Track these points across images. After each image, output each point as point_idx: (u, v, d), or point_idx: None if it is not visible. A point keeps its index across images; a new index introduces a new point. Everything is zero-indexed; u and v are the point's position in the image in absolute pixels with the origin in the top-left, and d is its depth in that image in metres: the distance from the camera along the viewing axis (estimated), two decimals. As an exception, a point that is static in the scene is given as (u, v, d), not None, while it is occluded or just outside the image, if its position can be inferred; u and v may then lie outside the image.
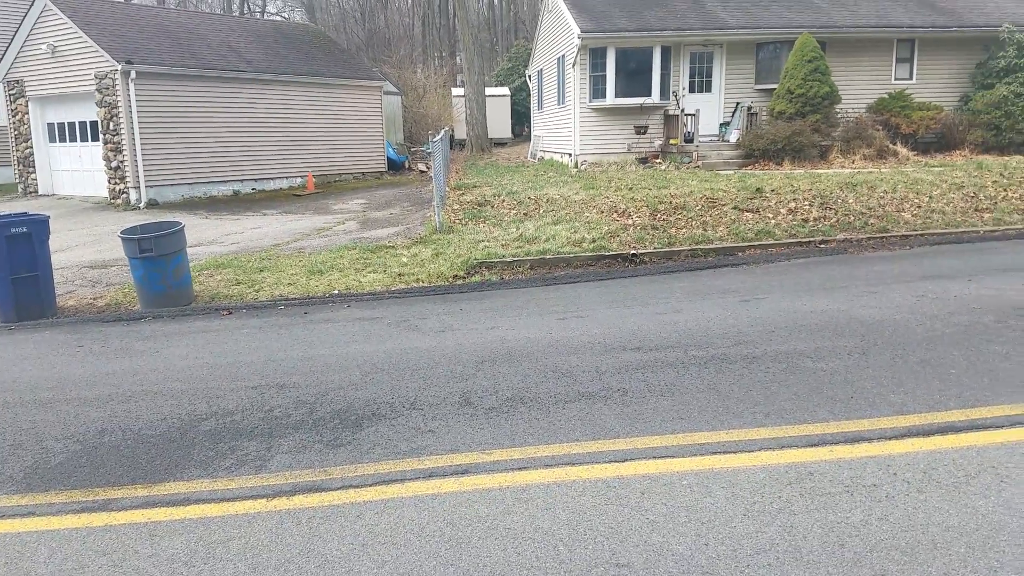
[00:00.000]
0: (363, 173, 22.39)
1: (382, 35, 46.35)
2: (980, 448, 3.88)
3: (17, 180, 19.47)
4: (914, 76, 19.35)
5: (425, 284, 8.61)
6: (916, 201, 11.13)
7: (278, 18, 47.60)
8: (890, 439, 4.03)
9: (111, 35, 16.74)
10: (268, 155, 19.58)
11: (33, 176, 19.07)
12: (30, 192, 19.10)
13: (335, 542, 3.40)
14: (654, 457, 3.99)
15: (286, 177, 20.06)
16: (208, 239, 12.77)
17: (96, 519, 3.78)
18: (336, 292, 8.52)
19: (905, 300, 6.76)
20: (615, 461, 3.97)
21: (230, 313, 8.03)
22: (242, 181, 19.02)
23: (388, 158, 23.31)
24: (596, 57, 17.94)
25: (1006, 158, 16.35)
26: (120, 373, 6.10)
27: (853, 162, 16.41)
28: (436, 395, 5.07)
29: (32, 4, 17.33)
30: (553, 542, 3.27)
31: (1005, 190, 11.83)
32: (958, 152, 17.73)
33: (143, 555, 3.42)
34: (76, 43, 16.70)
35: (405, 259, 9.65)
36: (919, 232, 9.64)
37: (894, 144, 17.35)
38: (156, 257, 8.34)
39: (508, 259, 9.04)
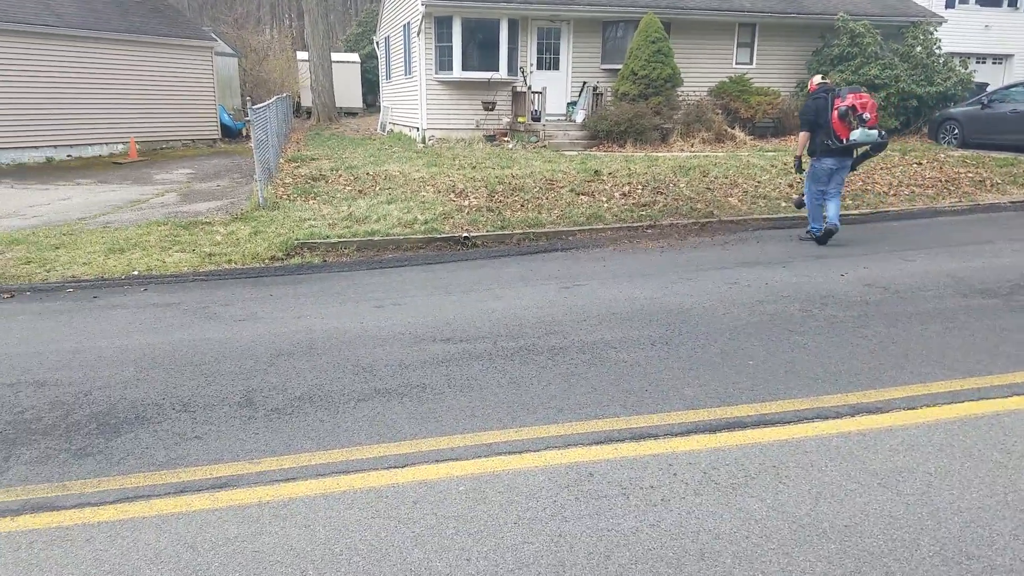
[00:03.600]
0: (193, 140, 20.80)
1: (227, -8, 43.40)
2: (764, 446, 3.87)
3: None
4: (754, 61, 20.11)
5: (238, 266, 7.95)
6: (745, 186, 11.55)
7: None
8: (677, 435, 3.98)
9: None
10: (86, 119, 17.71)
11: None
12: None
13: (52, 573, 2.92)
14: (436, 461, 3.74)
15: (106, 143, 18.26)
16: (9, 211, 11.35)
17: None
18: (136, 273, 7.71)
19: (717, 287, 6.89)
20: (394, 467, 3.69)
21: (12, 296, 7.09)
22: (56, 147, 17.14)
23: (223, 124, 21.80)
24: (442, 26, 17.44)
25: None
26: None
27: (692, 145, 16.93)
28: (215, 395, 4.59)
29: None
30: (303, 566, 2.95)
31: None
32: (792, 137, 18.66)
33: None
34: None
35: (220, 237, 8.90)
36: (743, 218, 9.98)
37: (732, 128, 18.03)
38: (-82, 232, 7.21)
39: (333, 240, 8.53)
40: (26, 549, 3.10)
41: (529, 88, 17.81)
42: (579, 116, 18.15)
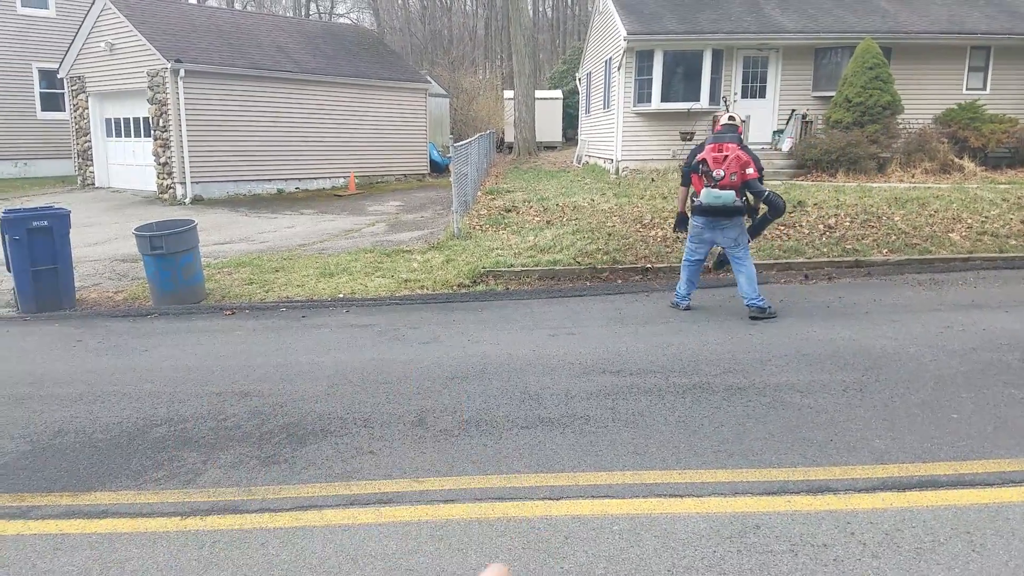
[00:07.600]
0: (405, 175, 22.38)
1: (443, 37, 46.59)
2: (959, 509, 3.40)
3: (77, 172, 20.17)
4: (988, 86, 18.17)
5: (429, 291, 8.39)
6: (969, 221, 10.35)
7: (346, 19, 48.34)
8: (859, 491, 3.59)
9: (164, 34, 17.14)
10: (312, 155, 19.72)
11: (91, 169, 19.72)
12: (88, 184, 19.75)
13: (228, 572, 3.20)
14: (592, 496, 3.65)
15: (329, 177, 20.18)
16: (240, 236, 12.87)
17: (11, 527, 3.67)
18: (341, 296, 8.39)
19: (926, 331, 6.19)
20: (549, 499, 3.65)
21: (233, 314, 7.97)
22: (286, 180, 19.23)
23: (432, 160, 23.29)
24: (642, 60, 17.48)
25: (1084, 177, 15.17)
26: (101, 371, 6.07)
27: (913, 176, 15.51)
28: (393, 412, 4.83)
29: (93, 3, 17.92)
30: (450, 589, 2.99)
31: (1074, 212, 10.88)
32: (1033, 168, 16.61)
33: (39, 570, 3.28)
34: (132, 41, 17.16)
35: (416, 264, 9.46)
36: (964, 256, 8.93)
37: (960, 158, 16.31)
38: (166, 255, 8.34)
39: (517, 268, 8.75)
40: (209, 548, 3.40)
41: (730, 117, 17.28)
42: (785, 144, 17.30)
